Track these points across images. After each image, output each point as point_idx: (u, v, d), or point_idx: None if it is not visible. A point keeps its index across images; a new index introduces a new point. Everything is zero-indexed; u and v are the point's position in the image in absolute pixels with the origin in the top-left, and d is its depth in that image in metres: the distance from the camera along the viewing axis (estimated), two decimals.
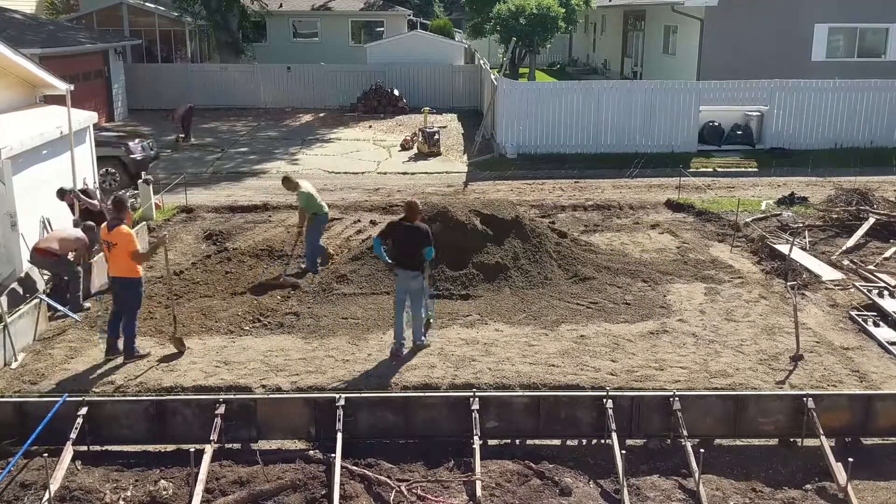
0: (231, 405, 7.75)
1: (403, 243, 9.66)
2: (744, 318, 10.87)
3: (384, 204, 17.18)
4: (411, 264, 9.64)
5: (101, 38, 28.77)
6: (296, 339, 10.24)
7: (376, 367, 9.43)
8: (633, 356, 9.67)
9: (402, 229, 9.68)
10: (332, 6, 40.37)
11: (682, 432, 7.61)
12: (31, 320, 10.35)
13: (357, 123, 28.33)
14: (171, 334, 9.94)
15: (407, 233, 9.63)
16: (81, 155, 14.46)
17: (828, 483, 7.33)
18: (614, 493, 7.16)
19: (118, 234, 9.55)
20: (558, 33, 34.06)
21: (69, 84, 14.11)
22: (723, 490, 7.26)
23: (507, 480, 7.29)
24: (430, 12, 55.52)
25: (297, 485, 7.14)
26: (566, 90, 22.62)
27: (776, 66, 24.40)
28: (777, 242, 13.81)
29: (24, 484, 7.20)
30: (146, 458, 7.71)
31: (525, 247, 12.24)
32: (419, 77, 31.95)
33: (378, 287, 11.69)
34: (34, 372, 9.39)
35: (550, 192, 18.51)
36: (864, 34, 27.70)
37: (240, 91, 31.34)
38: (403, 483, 7.11)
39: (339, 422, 7.57)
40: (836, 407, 7.95)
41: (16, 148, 11.68)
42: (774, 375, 9.21)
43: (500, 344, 10.00)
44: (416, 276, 9.69)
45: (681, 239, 14.50)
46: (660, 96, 21.86)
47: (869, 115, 22.19)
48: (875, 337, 10.28)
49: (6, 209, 11.59)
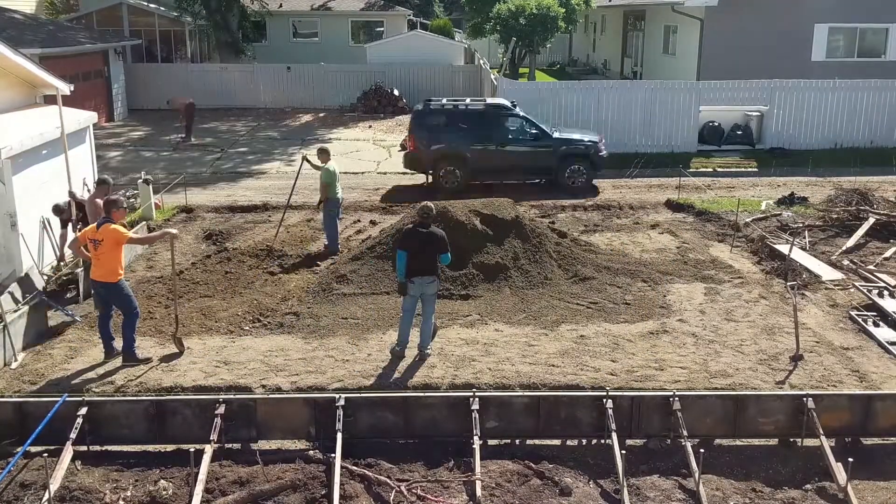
0: (231, 405, 7.75)
1: (421, 251, 9.46)
2: (744, 318, 10.87)
3: (384, 204, 17.19)
4: (430, 270, 9.54)
5: (101, 38, 28.79)
6: (296, 339, 10.24)
7: (376, 367, 9.43)
8: (633, 356, 9.66)
9: (418, 237, 9.50)
10: (332, 6, 40.38)
11: (682, 432, 7.61)
12: (31, 320, 10.34)
13: (357, 123, 28.33)
14: (173, 333, 9.93)
15: (424, 240, 9.47)
16: (81, 155, 14.46)
17: (828, 483, 7.33)
18: (614, 493, 7.16)
19: (106, 231, 9.37)
20: (558, 33, 34.06)
21: (69, 84, 14.12)
22: (723, 490, 7.26)
23: (507, 480, 7.29)
24: (429, 12, 55.53)
25: (297, 485, 7.14)
26: (566, 90, 22.63)
27: (776, 66, 24.40)
28: (777, 242, 13.81)
29: (23, 484, 7.20)
30: (146, 458, 7.71)
31: (525, 247, 12.24)
32: (419, 77, 31.94)
33: (378, 287, 11.69)
34: (34, 372, 9.39)
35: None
36: (864, 34, 27.70)
37: (239, 91, 31.34)
38: (403, 483, 7.11)
39: (339, 422, 7.57)
40: (836, 407, 7.94)
41: (16, 148, 11.68)
42: (774, 375, 9.21)
43: (500, 344, 10.00)
44: (433, 281, 9.62)
45: (681, 239, 14.50)
46: (660, 96, 21.87)
47: (869, 114, 22.20)
48: (875, 337, 10.28)
49: (6, 209, 11.59)
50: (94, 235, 9.48)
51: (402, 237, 9.78)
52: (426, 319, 9.71)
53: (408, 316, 9.64)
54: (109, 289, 9.56)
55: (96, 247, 9.44)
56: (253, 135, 26.20)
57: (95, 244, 9.44)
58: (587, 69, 43.04)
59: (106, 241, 9.37)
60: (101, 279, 9.56)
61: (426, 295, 9.62)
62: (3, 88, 12.97)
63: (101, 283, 9.58)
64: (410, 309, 9.64)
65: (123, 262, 9.88)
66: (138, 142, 25.01)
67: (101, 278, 9.55)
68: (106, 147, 23.40)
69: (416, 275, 9.47)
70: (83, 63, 26.42)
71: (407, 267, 9.43)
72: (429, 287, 9.58)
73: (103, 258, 9.44)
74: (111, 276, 9.49)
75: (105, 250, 9.39)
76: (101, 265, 9.49)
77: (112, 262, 9.45)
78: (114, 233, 9.40)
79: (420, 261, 9.46)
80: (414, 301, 9.63)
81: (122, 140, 25.23)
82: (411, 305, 9.64)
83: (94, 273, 9.66)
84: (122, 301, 9.63)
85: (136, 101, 30.37)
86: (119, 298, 9.61)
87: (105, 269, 9.47)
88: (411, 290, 9.52)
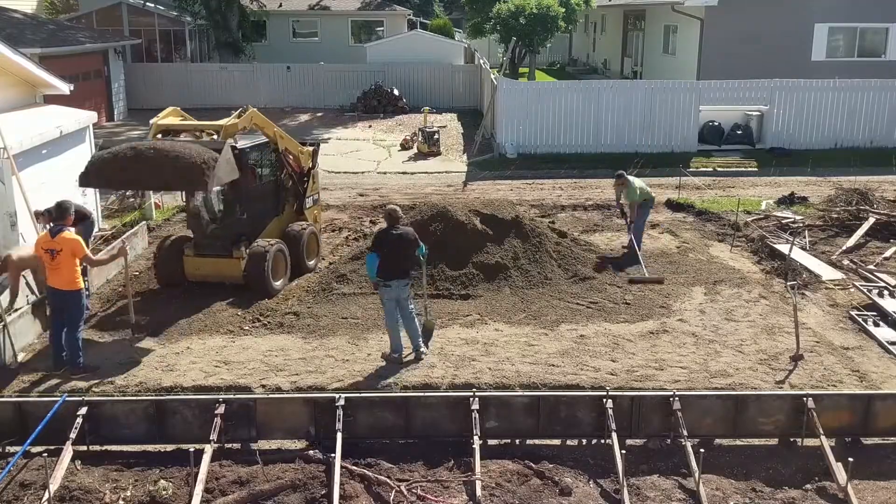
0: (231, 405, 7.74)
1: (395, 252, 9.41)
2: (744, 317, 10.86)
3: (384, 203, 17.17)
4: (404, 273, 9.50)
5: (100, 38, 28.80)
6: (295, 338, 10.23)
7: (376, 366, 9.42)
8: (633, 356, 9.66)
9: (390, 238, 9.43)
10: (331, 6, 40.37)
11: (682, 432, 7.61)
12: (31, 320, 10.33)
13: (357, 123, 28.33)
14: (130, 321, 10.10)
15: (396, 241, 9.41)
16: (81, 155, 14.44)
17: (828, 483, 7.32)
18: (614, 492, 7.16)
19: (63, 240, 9.12)
20: (558, 33, 34.10)
21: (69, 84, 14.13)
22: (723, 490, 7.26)
23: (507, 480, 7.28)
24: (429, 12, 55.58)
25: (297, 485, 7.13)
26: (566, 90, 22.63)
27: (776, 65, 24.39)
28: (777, 242, 13.81)
29: (23, 484, 7.20)
30: (146, 458, 7.71)
31: (525, 246, 12.23)
32: (419, 77, 31.94)
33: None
34: (34, 372, 9.38)
35: (550, 192, 18.51)
36: (864, 34, 27.70)
37: (239, 91, 31.27)
38: (403, 483, 7.10)
39: (339, 421, 7.56)
40: (837, 407, 7.94)
41: (15, 148, 11.68)
42: (774, 375, 9.21)
43: (500, 344, 10.00)
44: (407, 284, 9.57)
45: (681, 239, 14.50)
46: (660, 96, 21.86)
47: (869, 114, 22.19)
48: (875, 337, 10.28)
49: (6, 209, 11.58)
50: (49, 245, 9.21)
51: (374, 240, 9.70)
52: (409, 319, 9.62)
53: (392, 321, 9.56)
54: (67, 297, 9.29)
55: (53, 256, 9.16)
56: None
57: (52, 253, 9.16)
58: (587, 69, 43.04)
59: (64, 250, 9.13)
60: (60, 287, 9.26)
61: (401, 299, 9.52)
62: (2, 88, 12.97)
63: (60, 291, 9.29)
64: (392, 312, 9.55)
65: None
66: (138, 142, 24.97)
67: (60, 286, 9.26)
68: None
69: (392, 277, 9.40)
70: (83, 63, 26.41)
71: (381, 269, 9.38)
72: (403, 290, 9.50)
73: (62, 267, 9.16)
74: (72, 285, 9.23)
75: (62, 259, 9.14)
76: (59, 274, 9.20)
77: (71, 272, 9.19)
78: (72, 243, 9.16)
79: (393, 262, 9.40)
80: (393, 305, 9.54)
81: (121, 140, 25.20)
82: (392, 309, 9.55)
83: (51, 280, 9.32)
84: (77, 309, 9.32)
85: (136, 100, 30.35)
86: (77, 308, 9.33)
87: (64, 278, 9.20)
88: (388, 293, 9.44)
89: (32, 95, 14.10)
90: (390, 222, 9.50)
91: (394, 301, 9.52)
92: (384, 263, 9.38)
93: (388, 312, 9.60)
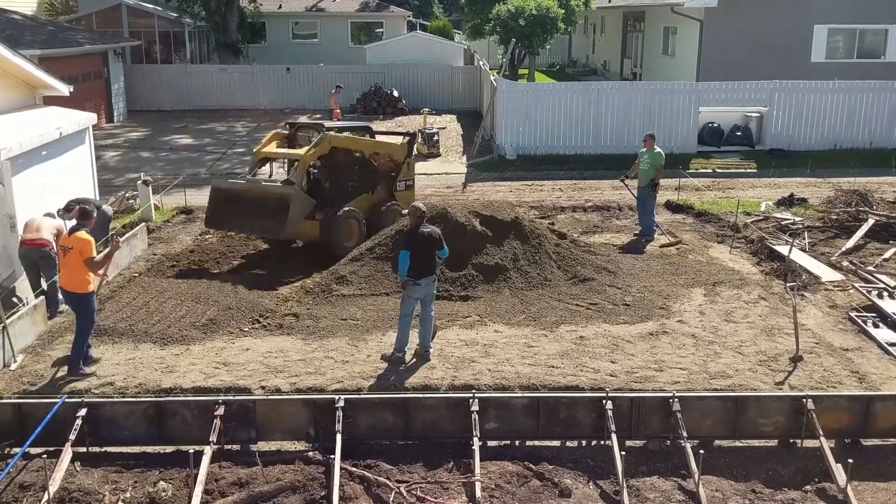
0: (230, 406, 7.74)
1: (424, 251, 9.49)
2: (743, 319, 10.86)
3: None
4: (432, 270, 9.60)
5: (100, 40, 28.81)
6: (295, 340, 10.23)
7: (376, 368, 9.42)
8: (633, 357, 9.66)
9: (419, 238, 9.49)
10: (330, 7, 40.38)
11: (681, 433, 7.61)
12: (31, 321, 10.33)
13: None
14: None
15: (425, 240, 9.50)
16: (81, 156, 14.46)
17: (828, 484, 7.32)
18: (614, 494, 7.16)
19: (75, 239, 9.16)
20: (558, 34, 34.10)
21: (69, 85, 14.12)
22: (722, 491, 7.26)
23: (507, 482, 7.28)
24: (429, 13, 55.62)
25: (297, 486, 7.13)
26: (565, 91, 22.66)
27: (776, 66, 24.42)
28: (776, 243, 13.81)
29: (23, 485, 7.19)
30: (145, 460, 7.70)
31: (524, 248, 12.23)
32: (419, 78, 31.96)
33: (377, 288, 11.68)
34: (33, 373, 9.38)
35: (550, 193, 18.52)
36: (863, 35, 27.73)
37: (239, 92, 31.34)
38: (403, 484, 7.10)
39: (339, 423, 7.56)
40: (836, 408, 7.94)
41: (15, 149, 11.67)
42: (774, 376, 9.20)
43: (500, 345, 9.99)
44: (435, 280, 9.72)
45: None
46: (659, 97, 21.88)
47: (868, 116, 22.22)
48: (875, 338, 10.27)
49: (5, 211, 11.58)
50: (64, 242, 9.31)
51: (406, 239, 9.72)
52: (428, 319, 9.69)
53: (408, 320, 9.60)
54: (75, 300, 9.33)
55: (65, 254, 9.24)
56: (252, 136, 26.18)
57: (65, 251, 9.24)
58: (587, 70, 43.07)
59: (74, 249, 9.15)
60: (70, 289, 9.31)
61: (428, 295, 9.65)
62: (2, 89, 12.97)
63: (70, 292, 9.34)
64: (411, 313, 9.62)
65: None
66: (137, 143, 25.02)
67: (69, 288, 9.30)
68: (105, 148, 23.41)
69: (422, 276, 9.49)
70: (83, 64, 26.42)
71: (412, 269, 9.41)
72: (431, 287, 9.65)
73: (71, 266, 9.19)
74: (78, 287, 9.23)
75: (71, 259, 9.17)
76: (67, 273, 9.25)
77: (77, 272, 9.18)
78: (81, 243, 9.17)
79: (424, 261, 9.50)
80: (415, 304, 9.61)
81: (120, 141, 25.24)
82: (411, 309, 9.60)
83: (62, 280, 9.43)
84: (86, 313, 9.33)
85: (136, 102, 30.38)
86: (82, 313, 9.33)
87: (72, 278, 9.22)
88: (418, 292, 9.51)
89: (32, 97, 14.10)
90: (417, 221, 9.55)
91: (417, 300, 9.59)
92: (415, 262, 9.43)
93: (407, 310, 9.62)
